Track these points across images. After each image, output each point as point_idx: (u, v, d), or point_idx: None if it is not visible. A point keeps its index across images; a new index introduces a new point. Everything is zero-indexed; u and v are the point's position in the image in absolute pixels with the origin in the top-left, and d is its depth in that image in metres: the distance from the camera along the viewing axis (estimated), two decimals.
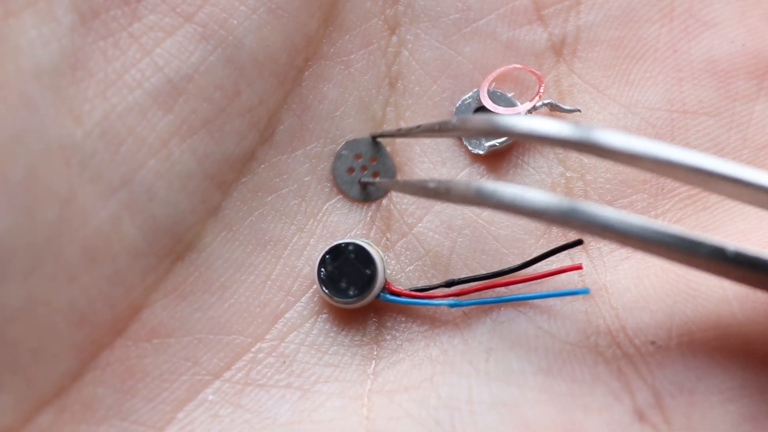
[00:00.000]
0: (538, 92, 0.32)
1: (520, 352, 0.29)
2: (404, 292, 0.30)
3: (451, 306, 0.30)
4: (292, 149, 0.31)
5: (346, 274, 0.30)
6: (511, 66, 0.32)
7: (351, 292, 0.30)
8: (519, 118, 0.26)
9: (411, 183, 0.30)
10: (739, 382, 0.27)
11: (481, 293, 0.30)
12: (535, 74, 0.32)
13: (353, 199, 0.32)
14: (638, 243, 0.25)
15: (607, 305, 0.29)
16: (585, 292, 0.30)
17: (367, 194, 0.32)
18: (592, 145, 0.25)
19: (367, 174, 0.32)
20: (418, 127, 0.30)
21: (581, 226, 0.25)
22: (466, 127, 0.28)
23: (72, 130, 0.27)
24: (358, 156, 0.32)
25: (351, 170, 0.32)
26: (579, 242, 0.30)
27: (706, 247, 0.25)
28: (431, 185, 0.28)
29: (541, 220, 0.25)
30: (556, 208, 0.25)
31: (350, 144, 0.32)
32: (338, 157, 0.32)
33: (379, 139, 0.32)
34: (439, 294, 0.30)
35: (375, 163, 0.32)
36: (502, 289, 0.30)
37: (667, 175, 0.25)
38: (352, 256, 0.30)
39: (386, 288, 0.30)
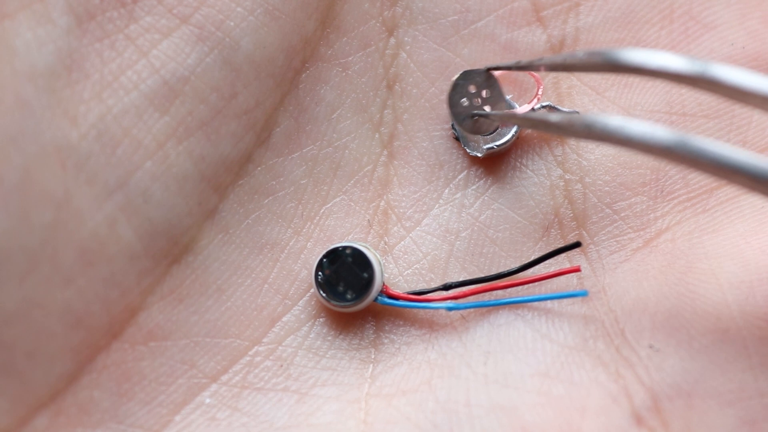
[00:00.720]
0: (537, 94, 0.32)
1: (518, 355, 0.29)
2: (402, 295, 0.30)
3: (449, 309, 0.30)
4: (288, 151, 0.31)
5: (344, 278, 0.30)
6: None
7: (348, 296, 0.30)
8: (642, 53, 0.25)
9: (530, 116, 0.29)
10: (738, 386, 0.27)
11: (479, 296, 0.30)
12: (534, 76, 0.32)
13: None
14: (747, 180, 0.24)
15: (606, 308, 0.29)
16: (584, 294, 0.29)
17: (478, 127, 0.31)
18: (708, 81, 0.25)
19: (479, 106, 0.31)
20: (541, 59, 0.29)
21: (689, 161, 0.24)
22: (592, 61, 0.27)
23: (68, 132, 0.27)
24: (473, 87, 0.32)
25: (465, 102, 0.31)
26: (577, 245, 0.30)
27: None
28: (553, 119, 0.27)
29: (647, 153, 0.25)
30: (663, 139, 0.24)
31: (466, 74, 0.31)
32: (454, 86, 0.31)
33: (494, 73, 0.32)
34: (437, 297, 0.30)
35: (489, 96, 0.32)
36: (500, 292, 0.30)
37: None
38: (350, 259, 0.30)
39: (384, 291, 0.30)
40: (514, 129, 0.32)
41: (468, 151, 0.32)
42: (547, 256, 0.30)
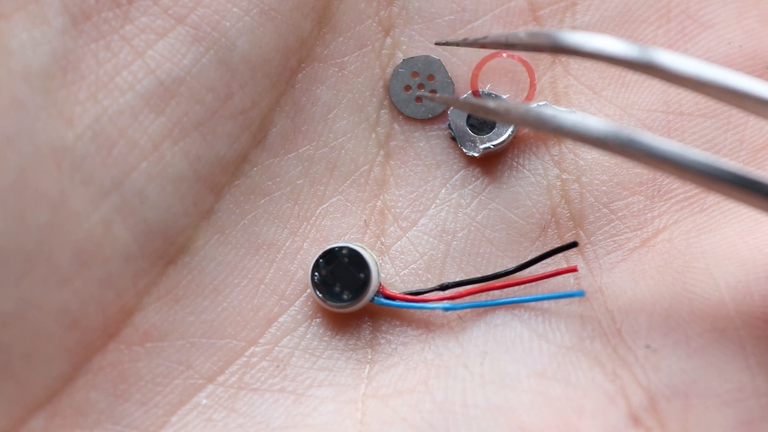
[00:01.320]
0: (532, 83, 0.31)
1: (515, 356, 0.29)
2: (398, 295, 0.30)
3: (446, 309, 0.30)
4: (285, 152, 0.31)
5: (340, 278, 0.30)
6: (497, 52, 0.32)
7: (345, 296, 0.30)
8: (581, 35, 0.26)
9: (470, 102, 0.29)
10: (736, 386, 0.27)
11: (476, 296, 0.30)
12: (524, 64, 0.32)
13: (409, 118, 0.32)
14: (678, 171, 0.25)
15: (603, 308, 0.29)
16: (580, 294, 0.29)
17: (423, 112, 0.31)
18: (651, 67, 0.25)
19: (424, 92, 0.32)
20: (485, 37, 0.29)
21: (639, 158, 0.25)
22: (534, 42, 0.27)
23: (63, 133, 0.27)
24: (415, 74, 0.32)
25: (408, 88, 0.32)
26: (574, 244, 0.30)
27: (766, 187, 0.25)
28: (491, 105, 0.27)
29: (598, 147, 0.25)
30: (614, 136, 0.25)
31: (407, 62, 0.32)
32: (394, 74, 0.31)
33: (438, 57, 0.32)
34: (434, 297, 0.30)
35: (432, 81, 0.32)
36: (497, 292, 0.30)
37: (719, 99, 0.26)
38: (346, 260, 0.30)
39: (380, 292, 0.30)
40: (511, 129, 0.31)
41: (464, 150, 0.32)
42: (544, 256, 0.30)
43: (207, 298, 0.30)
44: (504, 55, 0.32)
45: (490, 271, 0.31)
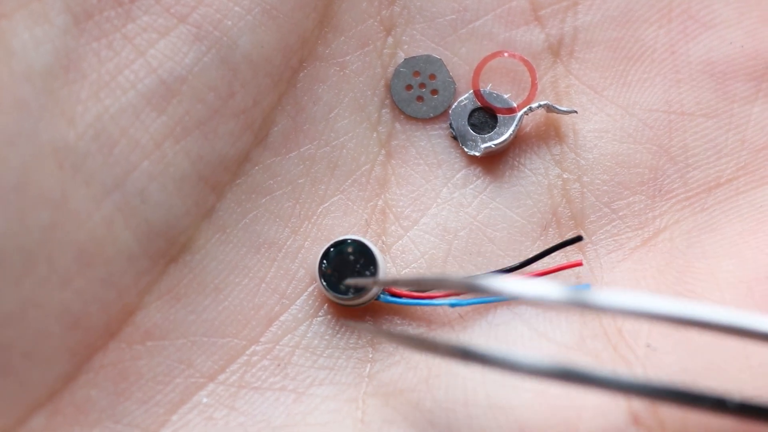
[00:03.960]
0: (534, 82, 0.32)
1: (516, 354, 0.29)
2: (404, 293, 0.30)
3: (452, 306, 0.30)
4: (286, 151, 0.31)
5: (347, 273, 0.30)
6: (498, 51, 0.32)
7: (351, 292, 0.30)
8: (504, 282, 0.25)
9: (393, 331, 0.30)
10: (735, 386, 0.27)
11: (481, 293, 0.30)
12: (526, 63, 0.32)
13: (411, 117, 0.32)
14: (639, 395, 0.24)
15: None
16: (586, 288, 0.29)
17: (424, 111, 0.32)
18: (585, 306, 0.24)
19: (425, 91, 0.32)
20: None
21: (578, 382, 0.24)
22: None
23: (65, 132, 0.27)
24: (416, 73, 0.32)
25: (409, 88, 0.32)
26: (579, 239, 0.30)
27: (708, 399, 0.24)
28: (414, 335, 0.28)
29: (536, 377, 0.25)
30: (547, 369, 0.24)
31: (409, 61, 0.32)
32: (396, 74, 0.31)
33: (439, 57, 0.32)
34: (439, 294, 0.30)
35: (434, 80, 0.32)
36: None
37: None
38: (354, 254, 0.30)
39: (386, 289, 0.30)
40: (512, 128, 0.32)
41: (466, 150, 0.32)
42: (547, 252, 0.30)
43: (208, 297, 0.30)
44: (505, 54, 0.32)
45: (491, 270, 0.31)
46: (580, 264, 0.30)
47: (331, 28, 0.31)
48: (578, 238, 0.30)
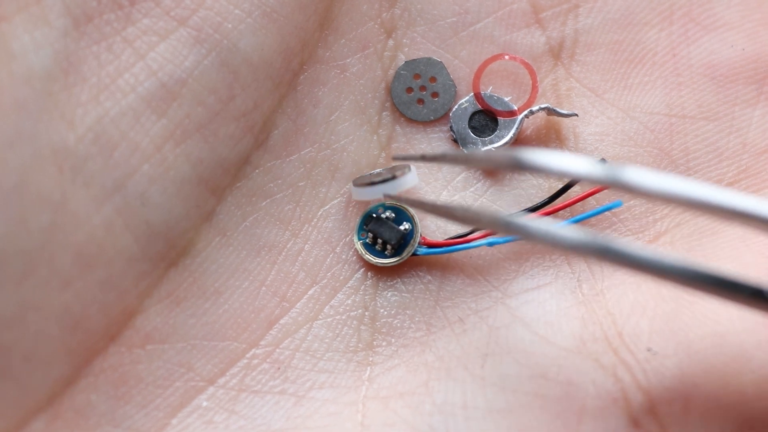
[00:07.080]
0: (534, 85, 0.31)
1: (516, 358, 0.29)
2: (441, 242, 0.30)
3: (490, 245, 0.30)
4: (286, 154, 0.31)
5: (383, 234, 0.31)
6: (499, 54, 0.32)
7: (388, 252, 0.31)
8: (549, 155, 0.25)
9: (442, 206, 0.29)
10: (737, 389, 0.27)
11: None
12: (527, 66, 0.32)
13: (411, 120, 0.32)
14: (677, 281, 0.24)
15: (604, 311, 0.29)
16: (618, 205, 0.30)
17: (425, 114, 0.32)
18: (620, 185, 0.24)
19: (426, 94, 0.32)
20: (444, 155, 0.30)
21: (616, 262, 0.24)
22: (495, 160, 0.27)
23: (65, 135, 0.27)
24: (417, 76, 0.32)
25: (410, 90, 0.32)
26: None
27: (747, 288, 0.24)
28: (458, 212, 0.27)
29: (574, 253, 0.25)
30: (590, 244, 0.24)
31: (409, 64, 0.32)
32: (396, 76, 0.31)
33: (440, 60, 0.32)
34: (476, 236, 0.30)
35: (434, 83, 0.32)
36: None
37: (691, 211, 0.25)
38: (389, 214, 0.31)
39: (421, 242, 0.31)
40: (513, 131, 0.31)
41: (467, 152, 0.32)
42: (567, 187, 0.31)
43: (208, 300, 0.30)
44: (506, 57, 0.32)
45: (492, 273, 0.31)
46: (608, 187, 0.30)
47: (332, 31, 0.31)
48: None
